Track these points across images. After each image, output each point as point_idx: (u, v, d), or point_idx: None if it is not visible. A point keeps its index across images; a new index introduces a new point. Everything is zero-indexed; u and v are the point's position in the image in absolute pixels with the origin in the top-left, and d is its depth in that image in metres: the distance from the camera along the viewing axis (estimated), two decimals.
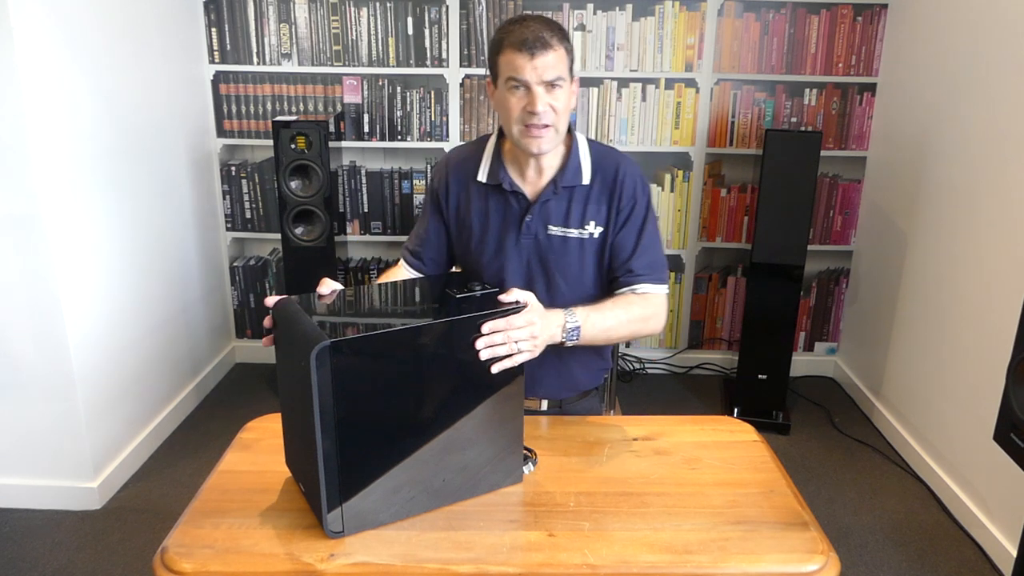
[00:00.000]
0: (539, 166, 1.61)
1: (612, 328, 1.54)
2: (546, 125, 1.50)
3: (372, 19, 3.30)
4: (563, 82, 1.50)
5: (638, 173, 1.65)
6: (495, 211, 1.64)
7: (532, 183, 1.63)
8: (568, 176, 1.60)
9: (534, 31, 1.46)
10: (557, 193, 1.60)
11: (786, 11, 3.27)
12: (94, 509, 2.58)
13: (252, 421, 1.59)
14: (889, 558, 2.43)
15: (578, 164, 1.62)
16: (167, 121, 3.07)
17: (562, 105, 1.51)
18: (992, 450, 2.21)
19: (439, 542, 1.21)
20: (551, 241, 1.61)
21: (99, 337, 2.60)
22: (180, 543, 1.21)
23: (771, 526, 1.26)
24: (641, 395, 3.49)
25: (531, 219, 1.61)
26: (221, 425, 3.11)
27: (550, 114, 1.49)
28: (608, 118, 3.39)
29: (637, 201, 1.63)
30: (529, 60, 1.46)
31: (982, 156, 2.57)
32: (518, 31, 1.47)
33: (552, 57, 1.47)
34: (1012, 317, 2.28)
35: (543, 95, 1.48)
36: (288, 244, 3.07)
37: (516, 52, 1.46)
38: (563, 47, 1.49)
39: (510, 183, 1.62)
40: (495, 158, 1.64)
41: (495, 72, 1.54)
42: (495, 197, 1.64)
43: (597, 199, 1.62)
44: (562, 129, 1.54)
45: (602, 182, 1.62)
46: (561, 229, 1.61)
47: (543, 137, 1.51)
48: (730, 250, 3.58)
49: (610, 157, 1.64)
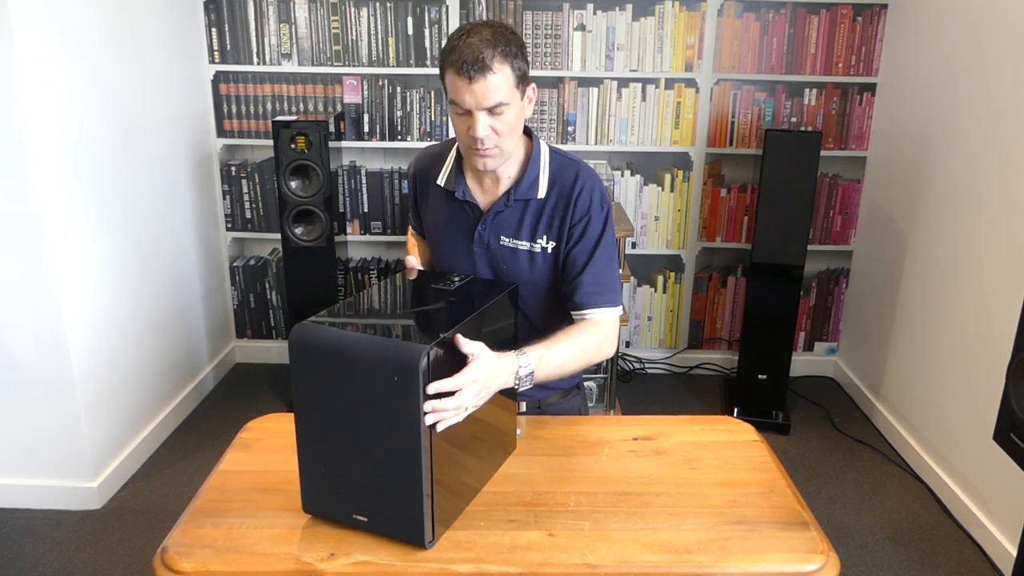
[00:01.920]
0: (495, 176, 1.59)
1: (566, 363, 1.48)
2: (488, 148, 1.46)
3: (372, 19, 3.30)
4: (506, 106, 1.43)
5: (597, 187, 1.57)
6: (451, 217, 1.63)
7: (489, 192, 1.61)
8: (523, 189, 1.57)
9: (475, 51, 1.37)
10: (509, 205, 1.57)
11: (786, 11, 3.27)
12: (94, 509, 2.58)
13: (252, 421, 1.58)
14: (889, 558, 2.43)
15: (535, 176, 1.57)
16: (167, 121, 3.07)
17: (507, 127, 1.45)
18: (992, 450, 2.21)
19: (439, 542, 1.21)
20: (504, 251, 1.59)
21: (99, 337, 2.61)
22: (180, 543, 1.21)
23: (771, 526, 1.26)
24: (641, 395, 3.49)
25: (483, 229, 1.59)
26: (221, 425, 3.11)
27: (492, 137, 1.45)
28: (608, 118, 3.39)
29: (592, 218, 1.55)
30: (467, 84, 1.39)
31: (982, 156, 2.57)
32: (459, 50, 1.39)
33: (493, 80, 1.39)
34: (1012, 317, 2.28)
35: (484, 119, 1.42)
36: (288, 244, 3.07)
37: (455, 75, 1.40)
38: (507, 65, 1.40)
39: (463, 192, 1.60)
40: (455, 165, 1.63)
41: (444, 87, 1.49)
42: (452, 203, 1.63)
43: (551, 213, 1.57)
44: (507, 147, 1.50)
45: (558, 196, 1.56)
46: (512, 241, 1.59)
47: (489, 157, 1.48)
48: (730, 250, 3.58)
49: (569, 170, 1.58)
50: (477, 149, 1.46)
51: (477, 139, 1.44)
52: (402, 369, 1.08)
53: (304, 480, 1.24)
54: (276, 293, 3.65)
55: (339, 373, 1.14)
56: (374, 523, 1.20)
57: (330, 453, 1.20)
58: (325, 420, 1.18)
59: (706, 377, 3.68)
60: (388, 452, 1.15)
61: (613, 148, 3.42)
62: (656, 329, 3.70)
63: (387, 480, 1.16)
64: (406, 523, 1.17)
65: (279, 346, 3.70)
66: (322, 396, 1.17)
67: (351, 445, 1.18)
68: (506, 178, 1.59)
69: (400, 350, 1.10)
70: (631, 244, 3.53)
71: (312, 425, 1.20)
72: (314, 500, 1.25)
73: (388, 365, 1.09)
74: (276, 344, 3.71)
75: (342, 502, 1.22)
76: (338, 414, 1.17)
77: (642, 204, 3.49)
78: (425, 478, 1.13)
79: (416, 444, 1.12)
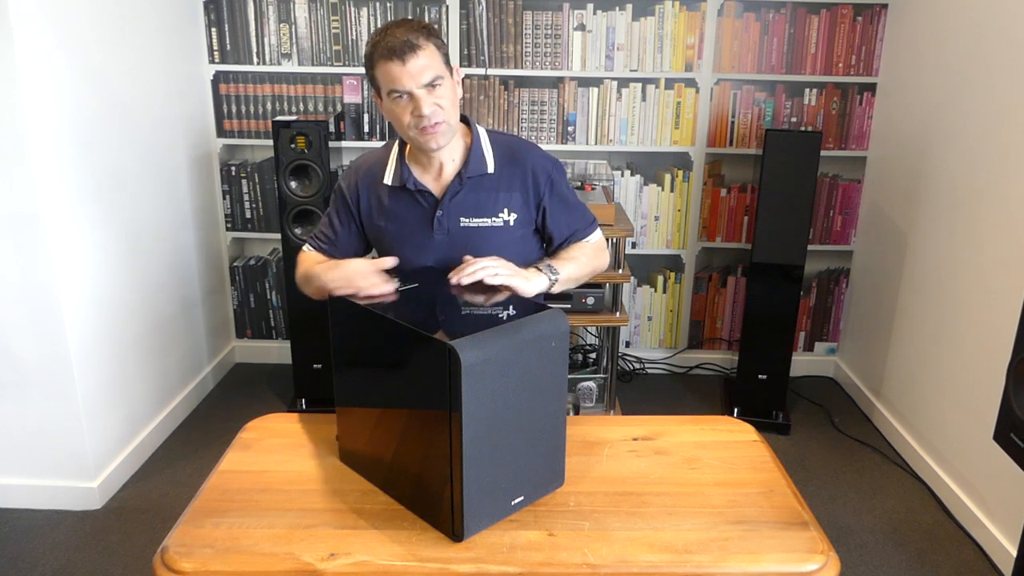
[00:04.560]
0: (440, 161, 1.64)
1: (579, 262, 1.67)
2: (437, 123, 1.52)
3: (372, 19, 3.30)
4: (442, 80, 1.52)
5: (540, 151, 1.70)
6: (405, 212, 1.66)
7: (436, 179, 1.66)
8: (472, 166, 1.63)
9: (398, 37, 1.47)
10: (463, 185, 1.63)
11: (786, 11, 3.27)
12: (94, 509, 2.58)
13: (252, 421, 1.59)
14: (889, 558, 2.43)
15: (481, 153, 1.65)
16: (167, 121, 3.07)
17: (447, 101, 1.54)
18: (992, 450, 2.21)
19: (439, 542, 1.21)
20: (466, 233, 1.63)
21: (99, 337, 2.61)
22: (180, 543, 1.21)
23: (771, 526, 1.26)
24: (641, 395, 3.49)
25: (441, 214, 1.63)
26: (221, 425, 3.11)
27: (439, 112, 1.52)
28: (608, 118, 3.39)
29: (552, 177, 1.68)
30: (402, 66, 1.47)
31: (982, 156, 2.57)
32: (384, 41, 1.49)
33: (424, 58, 1.49)
34: (1012, 317, 2.28)
35: (426, 97, 1.50)
36: (288, 244, 3.07)
37: (388, 61, 1.48)
38: (431, 44, 1.51)
39: (414, 183, 1.64)
40: (399, 160, 1.66)
41: (376, 86, 1.56)
42: (403, 198, 1.66)
43: (508, 186, 1.65)
44: (453, 122, 1.57)
45: (510, 168, 1.65)
46: (475, 220, 1.63)
47: (437, 133, 1.54)
48: (730, 250, 3.58)
49: (511, 143, 1.69)
50: (425, 128, 1.52)
51: (424, 116, 1.50)
52: (558, 335, 1.25)
53: (467, 491, 1.19)
54: (276, 293, 3.65)
55: (506, 363, 1.19)
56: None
57: (494, 444, 1.20)
58: (494, 417, 1.19)
59: (706, 377, 3.68)
60: (543, 416, 1.25)
61: (613, 148, 3.42)
62: (656, 329, 3.70)
63: (539, 449, 1.27)
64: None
65: (279, 346, 3.70)
66: (493, 392, 1.18)
67: (517, 426, 1.23)
68: (451, 161, 1.65)
69: (549, 320, 1.26)
70: (631, 244, 3.53)
71: (481, 425, 1.17)
72: (479, 508, 1.23)
73: (547, 335, 1.23)
74: (276, 344, 3.71)
75: (500, 493, 1.25)
76: (511, 400, 1.21)
77: (642, 204, 3.49)
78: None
79: (561, 400, 1.29)
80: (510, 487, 1.25)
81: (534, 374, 1.23)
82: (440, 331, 1.19)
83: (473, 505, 1.19)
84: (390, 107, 1.55)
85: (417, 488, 1.27)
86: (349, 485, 1.37)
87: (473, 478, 1.17)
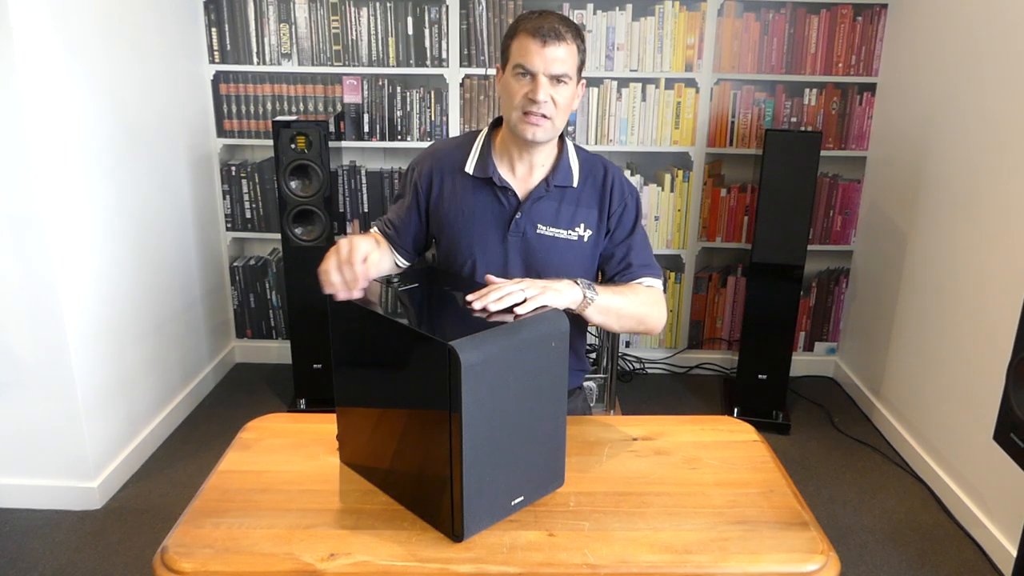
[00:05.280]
0: (531, 163, 1.60)
1: (625, 303, 1.56)
2: (544, 116, 1.50)
3: (372, 19, 3.30)
4: (568, 80, 1.51)
5: (625, 177, 1.68)
6: (481, 206, 1.61)
7: (522, 180, 1.61)
8: (560, 176, 1.60)
9: (551, 22, 1.48)
10: (549, 191, 1.60)
11: (786, 11, 3.27)
12: (94, 509, 2.58)
13: (252, 421, 1.58)
14: (889, 558, 2.43)
15: (568, 166, 1.62)
16: (167, 121, 3.07)
17: (563, 101, 1.52)
18: (992, 450, 2.21)
19: (439, 542, 1.21)
20: (540, 241, 1.60)
21: (99, 337, 2.60)
22: (180, 543, 1.21)
23: (771, 526, 1.26)
24: (641, 395, 3.49)
25: (521, 217, 1.59)
26: (221, 425, 3.11)
27: (550, 106, 1.50)
28: (608, 118, 3.39)
29: (627, 204, 1.66)
30: (540, 47, 1.47)
31: (982, 156, 2.57)
32: (536, 20, 1.49)
33: (563, 50, 1.48)
34: (1012, 317, 2.28)
35: (546, 85, 1.49)
36: (288, 244, 3.07)
37: (529, 37, 1.48)
38: (576, 44, 1.51)
39: (500, 178, 1.60)
40: (485, 151, 1.62)
41: (505, 57, 1.54)
42: (482, 192, 1.61)
43: (588, 203, 1.62)
44: (559, 124, 1.55)
45: (592, 186, 1.63)
46: (551, 229, 1.60)
47: (540, 126, 1.51)
48: (730, 250, 3.58)
49: (598, 162, 1.67)
50: (531, 113, 1.50)
51: (536, 102, 1.48)
52: (558, 334, 1.24)
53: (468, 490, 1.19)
54: (276, 293, 3.65)
55: (506, 363, 1.18)
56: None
57: (495, 444, 1.20)
58: (494, 417, 1.18)
59: (706, 377, 3.68)
60: (543, 416, 1.25)
61: (613, 148, 3.42)
62: None
63: (539, 449, 1.27)
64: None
65: (279, 346, 3.70)
66: (493, 392, 1.17)
67: (517, 426, 1.23)
68: (540, 166, 1.61)
69: (549, 320, 1.26)
70: None
71: (481, 425, 1.17)
72: (478, 508, 1.22)
73: (547, 335, 1.22)
74: (276, 344, 3.71)
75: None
76: (511, 400, 1.20)
77: (642, 204, 3.49)
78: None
79: (562, 400, 1.28)
80: (510, 487, 1.25)
81: (534, 374, 1.23)
82: (440, 331, 1.19)
83: (473, 505, 1.19)
84: (508, 81, 1.52)
85: (417, 488, 1.27)
86: (349, 485, 1.37)
87: (473, 478, 1.18)
